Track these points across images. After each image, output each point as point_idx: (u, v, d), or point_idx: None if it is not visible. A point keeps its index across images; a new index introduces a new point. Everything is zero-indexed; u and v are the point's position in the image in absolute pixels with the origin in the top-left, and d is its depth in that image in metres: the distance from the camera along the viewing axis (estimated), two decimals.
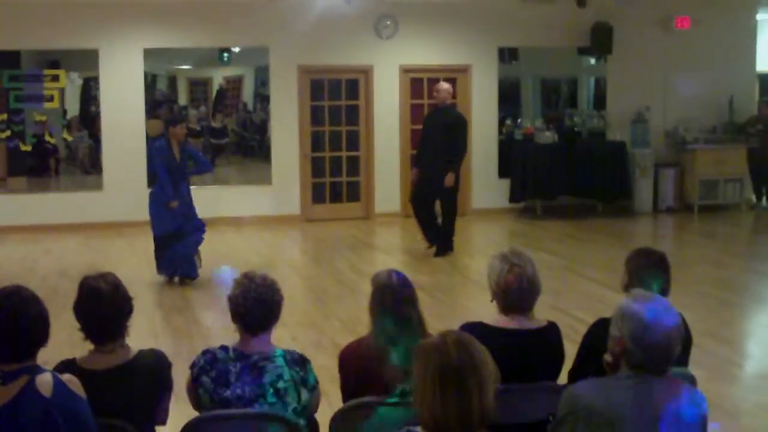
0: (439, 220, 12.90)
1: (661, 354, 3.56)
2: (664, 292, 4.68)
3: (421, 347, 3.31)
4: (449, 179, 12.56)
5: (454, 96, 16.74)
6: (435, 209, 12.94)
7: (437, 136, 12.63)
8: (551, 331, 4.74)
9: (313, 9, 15.87)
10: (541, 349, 4.66)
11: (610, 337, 3.70)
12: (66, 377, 3.78)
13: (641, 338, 3.55)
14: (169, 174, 11.13)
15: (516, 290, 4.59)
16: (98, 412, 3.95)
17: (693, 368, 4.76)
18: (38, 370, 3.73)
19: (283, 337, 7.96)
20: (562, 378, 4.70)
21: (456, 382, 3.15)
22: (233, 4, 15.82)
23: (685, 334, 4.62)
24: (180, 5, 15.69)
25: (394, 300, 4.50)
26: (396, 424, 3.38)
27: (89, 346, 4.29)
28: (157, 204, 11.24)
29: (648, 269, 4.72)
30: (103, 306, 4.18)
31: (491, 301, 4.75)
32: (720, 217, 16.66)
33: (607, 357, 3.72)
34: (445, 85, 13.13)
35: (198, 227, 11.32)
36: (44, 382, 3.68)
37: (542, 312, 4.87)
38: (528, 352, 4.58)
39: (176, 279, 11.33)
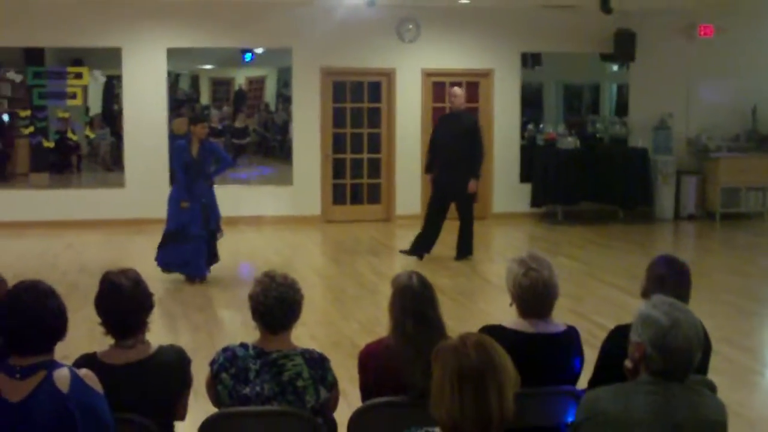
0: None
1: (682, 360, 3.54)
2: (684, 301, 4.66)
3: (440, 349, 3.31)
4: (473, 186, 12.57)
5: (476, 100, 16.84)
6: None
7: (456, 142, 12.60)
8: (571, 336, 4.72)
9: (336, 11, 15.91)
10: (560, 354, 4.65)
11: (630, 343, 3.68)
12: (83, 372, 3.78)
13: (662, 344, 3.53)
14: (185, 172, 11.20)
15: (532, 294, 4.58)
16: (117, 407, 3.96)
17: (713, 376, 4.74)
18: (55, 365, 3.72)
19: (302, 336, 7.97)
20: (582, 383, 4.68)
21: (475, 384, 3.14)
22: (257, 4, 15.85)
23: (704, 341, 4.62)
24: (204, 5, 15.74)
25: (414, 301, 4.50)
26: (415, 425, 3.37)
27: (109, 340, 4.31)
28: (171, 202, 11.33)
29: (669, 277, 4.70)
30: (124, 301, 4.20)
31: (510, 305, 4.74)
32: (742, 225, 16.59)
33: (628, 363, 3.70)
34: (460, 91, 13.14)
35: (200, 236, 11.26)
36: (61, 377, 3.67)
37: (562, 317, 4.86)
38: (547, 357, 4.57)
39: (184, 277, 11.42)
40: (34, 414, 3.59)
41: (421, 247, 12.73)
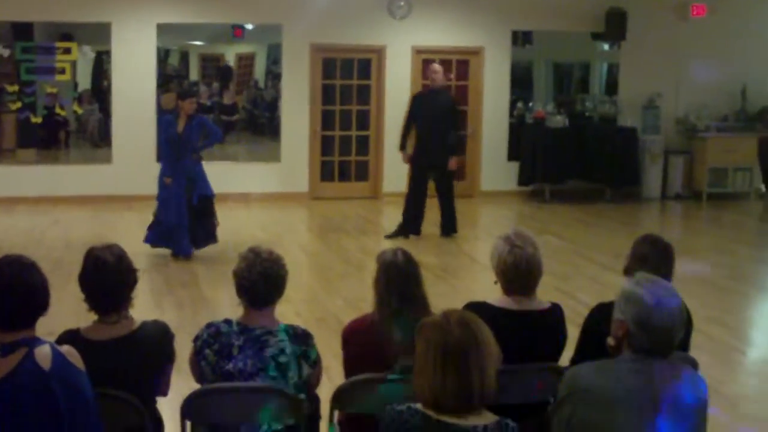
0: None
1: (665, 337, 3.55)
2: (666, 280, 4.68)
3: (423, 324, 3.33)
4: (453, 163, 12.68)
5: (465, 78, 16.84)
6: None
7: (435, 119, 12.59)
8: (554, 313, 4.74)
9: None
10: (544, 331, 4.67)
11: (613, 320, 3.69)
12: (65, 349, 3.75)
13: (645, 322, 3.54)
14: (171, 146, 11.19)
15: (516, 270, 4.59)
16: (100, 383, 3.96)
17: (696, 354, 4.76)
18: (37, 341, 3.69)
19: (287, 312, 7.97)
20: (564, 360, 4.70)
21: (457, 360, 3.16)
22: None
23: (686, 318, 4.64)
24: None
25: (398, 278, 4.51)
26: (397, 400, 3.38)
27: (94, 316, 4.31)
28: (161, 182, 11.31)
29: (652, 256, 4.72)
30: (107, 276, 4.20)
31: (495, 283, 4.76)
32: (728, 205, 16.62)
33: (610, 341, 3.71)
34: (439, 67, 13.12)
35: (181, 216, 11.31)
36: (43, 354, 3.64)
37: (548, 295, 4.88)
38: (530, 334, 4.59)
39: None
40: (16, 391, 3.56)
41: (408, 228, 12.73)
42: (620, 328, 3.63)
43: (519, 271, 4.59)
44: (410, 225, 12.74)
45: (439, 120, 12.55)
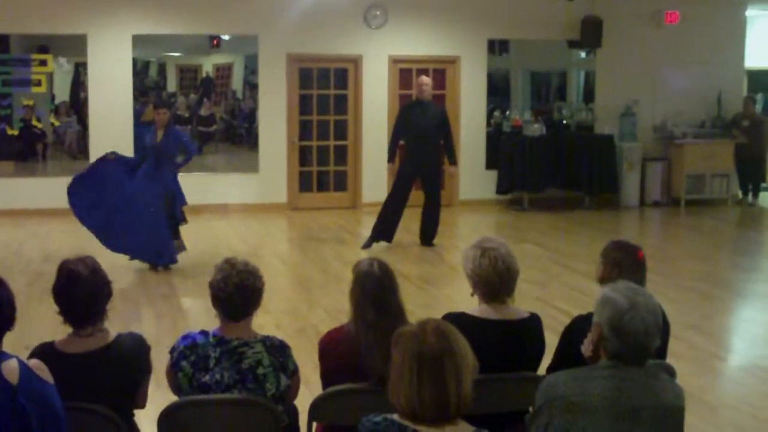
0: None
1: (638, 343, 3.55)
2: (640, 283, 4.68)
3: (399, 334, 3.31)
4: (454, 170, 13.49)
5: (442, 87, 16.88)
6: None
7: (428, 130, 12.67)
8: (533, 323, 4.73)
9: None
10: (523, 341, 4.66)
11: (592, 324, 3.69)
12: (32, 363, 3.72)
13: (618, 326, 3.54)
14: (150, 154, 11.20)
15: (493, 272, 4.59)
16: (76, 396, 3.95)
17: (675, 361, 4.76)
18: (3, 356, 3.64)
19: (267, 324, 7.98)
20: (542, 370, 4.70)
21: (432, 370, 3.15)
22: None
23: (664, 325, 4.64)
24: None
25: (374, 288, 4.49)
26: (374, 411, 3.37)
27: (70, 330, 4.28)
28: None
29: (625, 260, 4.72)
30: (81, 289, 4.16)
31: (472, 294, 4.75)
32: (706, 211, 16.70)
33: (587, 346, 3.71)
34: (429, 80, 13.21)
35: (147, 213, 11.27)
36: (10, 368, 3.59)
37: (527, 303, 4.88)
38: (509, 343, 4.58)
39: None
40: None
41: (381, 234, 12.74)
42: (596, 332, 3.64)
43: (497, 271, 4.58)
44: (384, 231, 12.74)
45: (431, 131, 12.64)
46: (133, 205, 11.09)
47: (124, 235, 11.16)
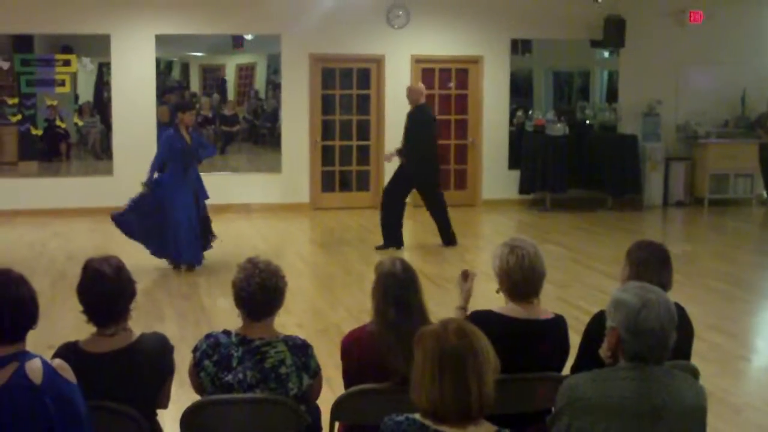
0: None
1: (656, 340, 3.53)
2: (667, 284, 4.67)
3: (421, 334, 3.31)
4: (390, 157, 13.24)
5: (465, 87, 16.90)
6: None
7: (425, 133, 12.70)
8: (558, 324, 4.73)
9: None
10: (548, 341, 4.66)
11: (607, 328, 3.68)
12: (56, 362, 3.73)
13: (634, 325, 3.53)
14: (182, 158, 11.22)
15: (519, 271, 4.59)
16: (99, 395, 3.96)
17: (700, 362, 4.74)
18: (27, 356, 3.66)
19: (288, 324, 7.99)
20: (566, 371, 4.69)
21: (454, 369, 3.15)
22: None
23: (686, 326, 4.62)
24: None
25: (396, 288, 4.50)
26: (396, 410, 3.37)
27: (94, 329, 4.30)
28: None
29: (650, 262, 4.70)
30: (105, 288, 4.18)
31: (497, 291, 4.74)
32: (730, 212, 16.62)
33: (605, 351, 3.69)
34: (422, 86, 13.27)
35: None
36: (34, 368, 3.61)
37: (549, 303, 4.87)
38: (535, 343, 4.58)
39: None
40: (8, 407, 3.53)
41: (394, 239, 12.75)
42: (612, 336, 3.63)
43: (523, 270, 4.58)
44: (393, 235, 12.77)
45: (427, 134, 12.66)
46: (168, 213, 11.21)
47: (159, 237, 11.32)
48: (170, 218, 11.16)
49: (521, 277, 4.61)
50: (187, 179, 11.27)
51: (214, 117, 21.47)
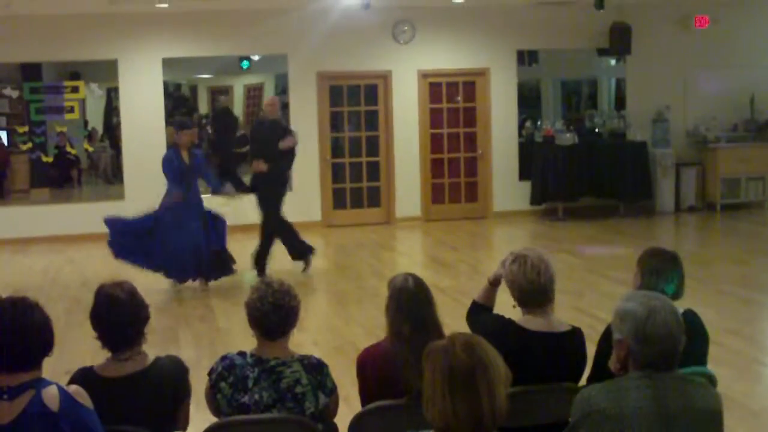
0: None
1: (665, 347, 3.52)
2: (679, 290, 4.66)
3: (429, 350, 3.30)
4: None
5: (473, 99, 16.91)
6: None
7: (274, 149, 12.42)
8: (575, 336, 4.72)
9: (330, 15, 15.89)
10: (565, 353, 4.65)
11: (614, 342, 3.67)
12: (72, 389, 3.75)
13: (642, 334, 3.52)
14: (180, 178, 11.26)
15: (522, 278, 4.61)
16: (116, 420, 3.97)
17: (716, 366, 4.73)
18: (44, 383, 3.69)
19: (304, 341, 8.00)
20: (583, 381, 4.68)
21: (464, 384, 3.13)
22: (251, 12, 15.85)
23: (701, 331, 4.61)
24: (197, 15, 15.73)
25: (410, 304, 4.50)
26: (412, 427, 3.37)
27: (109, 354, 4.31)
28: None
29: (661, 269, 4.70)
30: (118, 313, 4.20)
31: (514, 307, 4.75)
32: (742, 215, 16.58)
33: (615, 363, 3.68)
34: (276, 99, 13.32)
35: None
36: (51, 395, 3.63)
37: (563, 313, 4.86)
38: (551, 356, 4.57)
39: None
40: None
41: (303, 248, 12.57)
42: (621, 348, 3.61)
43: (527, 276, 4.60)
44: (304, 245, 12.63)
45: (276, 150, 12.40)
46: (165, 234, 11.24)
47: (159, 252, 11.31)
48: (168, 239, 11.20)
49: (527, 283, 4.61)
50: (189, 201, 11.29)
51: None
